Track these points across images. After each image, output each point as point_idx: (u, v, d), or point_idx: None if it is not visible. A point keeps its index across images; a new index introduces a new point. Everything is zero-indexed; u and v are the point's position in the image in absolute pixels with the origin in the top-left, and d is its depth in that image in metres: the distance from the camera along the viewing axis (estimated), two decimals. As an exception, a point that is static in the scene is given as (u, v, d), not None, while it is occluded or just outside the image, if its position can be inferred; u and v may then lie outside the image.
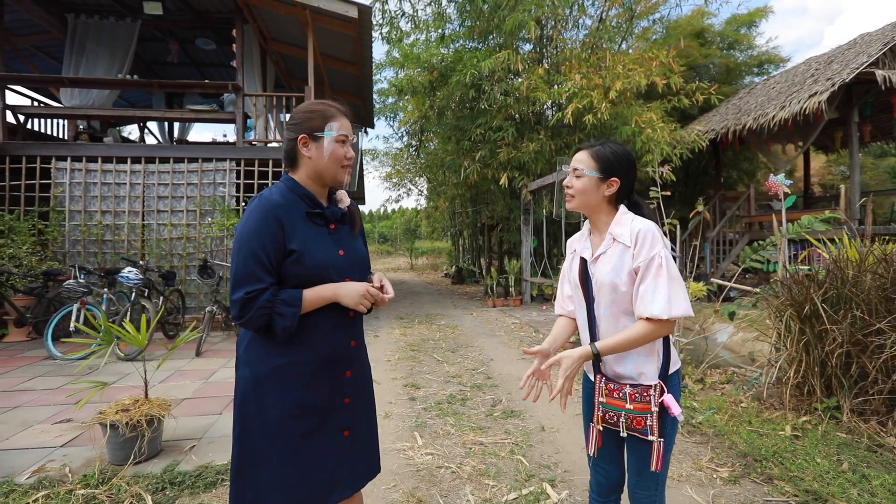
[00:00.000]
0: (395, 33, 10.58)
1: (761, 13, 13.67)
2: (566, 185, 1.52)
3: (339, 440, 1.39)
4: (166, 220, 7.06)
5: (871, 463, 2.60)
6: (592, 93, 8.11)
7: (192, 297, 6.95)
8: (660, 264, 1.35)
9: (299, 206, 1.36)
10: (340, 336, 1.40)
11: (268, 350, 1.32)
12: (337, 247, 1.40)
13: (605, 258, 1.46)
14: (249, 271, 1.25)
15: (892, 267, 3.03)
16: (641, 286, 1.37)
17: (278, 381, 1.31)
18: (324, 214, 1.40)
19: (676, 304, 1.33)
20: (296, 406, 1.31)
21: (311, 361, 1.34)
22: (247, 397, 1.32)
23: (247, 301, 1.23)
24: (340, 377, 1.40)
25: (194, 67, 10.58)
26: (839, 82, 7.66)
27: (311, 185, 1.41)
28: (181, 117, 7.66)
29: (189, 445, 2.95)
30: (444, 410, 3.69)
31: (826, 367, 3.18)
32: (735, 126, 9.57)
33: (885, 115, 9.37)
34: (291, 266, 1.30)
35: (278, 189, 1.38)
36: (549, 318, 7.91)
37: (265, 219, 1.28)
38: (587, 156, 1.47)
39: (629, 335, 1.38)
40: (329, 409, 1.37)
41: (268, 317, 1.25)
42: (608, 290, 1.43)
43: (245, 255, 1.26)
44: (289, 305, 1.26)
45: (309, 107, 1.41)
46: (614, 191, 1.47)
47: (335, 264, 1.37)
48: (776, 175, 4.24)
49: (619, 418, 1.43)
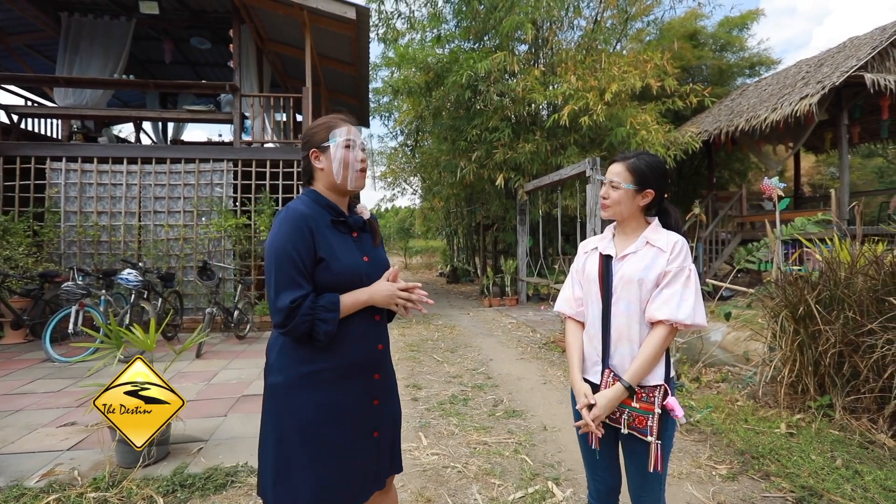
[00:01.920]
0: (391, 33, 10.59)
1: (753, 15, 13.85)
2: (602, 196, 1.58)
3: (369, 442, 1.43)
4: (163, 221, 7.03)
5: (863, 459, 2.69)
6: (588, 94, 8.20)
7: (189, 299, 6.94)
8: (688, 276, 1.44)
9: (324, 216, 1.40)
10: (369, 340, 1.44)
11: (301, 356, 1.35)
12: (361, 254, 1.45)
13: (635, 257, 1.52)
14: (290, 278, 1.28)
15: (882, 269, 3.12)
16: (667, 290, 1.44)
17: (311, 386, 1.34)
18: (347, 223, 1.46)
19: (699, 312, 1.42)
20: (330, 411, 1.35)
21: (342, 366, 1.38)
22: (279, 404, 1.34)
23: (293, 308, 1.26)
24: (370, 380, 1.44)
25: (188, 67, 10.52)
26: (829, 85, 7.80)
27: (331, 196, 1.46)
28: (178, 117, 7.63)
29: (197, 448, 2.98)
30: (446, 411, 3.74)
31: (819, 367, 3.27)
32: (727, 127, 9.70)
33: (874, 116, 9.54)
34: (321, 273, 1.34)
35: (302, 201, 1.42)
36: (546, 318, 7.98)
37: (297, 227, 1.31)
38: (623, 168, 1.54)
39: (652, 350, 1.44)
40: (360, 412, 1.41)
41: (310, 323, 1.28)
42: (634, 287, 1.48)
43: (283, 262, 1.29)
44: (329, 311, 1.30)
45: (315, 123, 1.48)
46: (648, 201, 1.54)
47: (361, 270, 1.41)
48: (770, 178, 4.33)
49: (622, 414, 1.48)
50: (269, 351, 1.42)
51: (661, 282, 1.46)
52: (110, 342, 2.90)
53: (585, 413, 1.49)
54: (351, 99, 10.90)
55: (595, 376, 1.56)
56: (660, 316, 1.44)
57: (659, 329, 1.45)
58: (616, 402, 1.46)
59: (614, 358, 1.52)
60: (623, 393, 1.45)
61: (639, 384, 1.47)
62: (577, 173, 7.23)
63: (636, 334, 1.49)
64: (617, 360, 1.52)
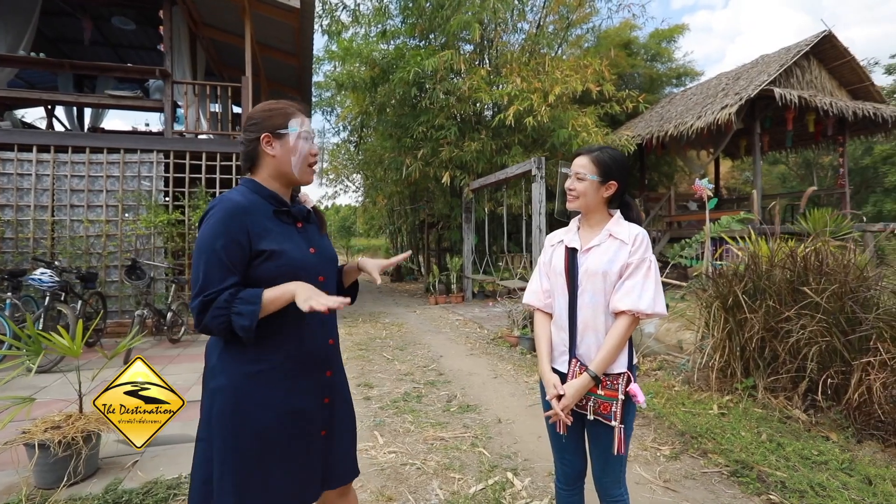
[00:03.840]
0: (336, 26, 10.32)
1: (679, 30, 14.94)
2: (569, 188, 1.63)
3: (317, 441, 1.36)
4: (82, 216, 6.40)
5: (783, 433, 2.98)
6: (533, 96, 8.44)
7: (113, 301, 6.36)
8: (649, 267, 1.51)
9: (264, 207, 1.31)
10: (320, 335, 1.37)
11: (245, 355, 1.25)
12: (307, 245, 1.37)
13: (599, 250, 1.57)
14: (208, 276, 1.20)
15: (797, 262, 3.47)
16: (629, 281, 1.50)
17: (260, 387, 1.25)
18: (291, 213, 1.37)
19: (659, 302, 1.50)
20: (281, 411, 1.27)
21: (292, 363, 1.30)
22: (226, 409, 1.24)
23: (204, 305, 1.18)
24: (321, 377, 1.38)
25: (109, 49, 9.63)
26: (746, 97, 8.57)
27: (274, 186, 1.37)
28: (99, 103, 6.94)
29: (131, 461, 2.74)
30: (400, 408, 3.70)
31: (745, 352, 3.58)
32: (658, 132, 10.38)
33: (780, 127, 10.59)
34: (263, 265, 1.26)
35: (240, 191, 1.32)
36: (493, 314, 8.13)
37: (226, 220, 1.22)
38: (588, 160, 1.59)
39: (615, 340, 1.49)
40: (310, 411, 1.34)
41: (226, 318, 1.18)
42: (599, 279, 1.53)
43: (204, 260, 1.21)
44: (247, 304, 1.19)
45: (267, 106, 1.37)
46: (612, 193, 1.60)
47: (308, 262, 1.34)
48: (701, 180, 4.69)
49: (588, 402, 1.54)
50: (209, 354, 1.31)
51: (623, 273, 1.53)
52: (28, 348, 2.59)
53: (555, 403, 1.53)
54: (293, 91, 10.49)
55: (563, 365, 1.61)
56: (622, 306, 1.50)
57: (622, 319, 1.51)
58: (583, 391, 1.51)
59: (581, 347, 1.57)
60: (590, 382, 1.51)
61: (604, 373, 1.53)
62: (522, 172, 7.43)
63: (602, 324, 1.55)
64: (583, 350, 1.57)
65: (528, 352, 5.51)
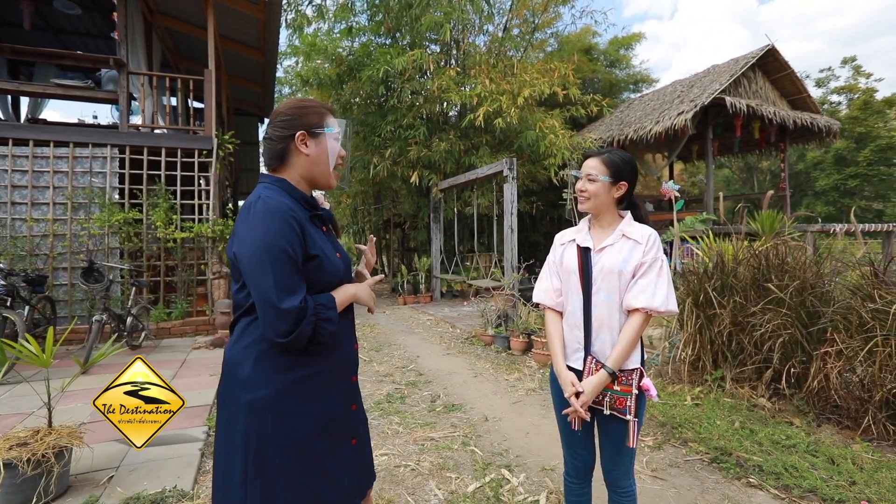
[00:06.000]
0: (299, 20, 10.05)
1: (636, 38, 15.58)
2: (580, 190, 1.66)
3: (349, 449, 1.34)
4: (25, 215, 5.92)
5: (753, 420, 3.18)
6: (502, 97, 8.55)
7: (62, 305, 5.93)
8: (661, 266, 1.57)
9: (301, 210, 1.26)
10: (349, 340, 1.37)
11: (284, 364, 1.20)
12: (335, 249, 1.35)
13: (613, 249, 1.61)
14: (292, 279, 1.14)
15: (760, 260, 3.71)
16: (643, 279, 1.55)
17: (299, 396, 1.21)
18: (322, 216, 1.34)
19: (671, 300, 1.56)
20: (319, 420, 1.24)
21: (328, 370, 1.27)
22: (265, 422, 1.17)
23: (302, 309, 1.12)
24: (349, 383, 1.36)
25: (52, 34, 8.95)
26: (700, 104, 9.04)
27: (302, 187, 1.32)
28: (44, 92, 6.41)
29: (106, 476, 2.56)
30: (385, 410, 3.67)
31: (714, 345, 3.80)
32: (619, 136, 10.77)
33: (729, 133, 11.25)
34: (313, 273, 1.22)
35: (276, 191, 1.24)
36: (463, 314, 8.18)
37: (286, 221, 1.16)
38: (599, 162, 1.64)
39: (630, 337, 1.55)
40: (342, 419, 1.32)
41: (313, 325, 1.15)
42: (614, 278, 1.58)
43: (282, 260, 1.13)
44: (329, 309, 1.19)
45: (299, 102, 1.31)
46: (622, 193, 1.65)
47: (339, 268, 1.32)
48: (667, 182, 4.92)
49: (604, 397, 1.59)
50: (236, 365, 1.21)
51: (637, 272, 1.59)
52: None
53: (574, 400, 1.57)
54: (255, 86, 10.13)
55: (577, 363, 1.65)
56: (637, 304, 1.56)
57: (636, 316, 1.57)
58: (601, 387, 1.56)
59: (595, 345, 1.62)
60: (607, 378, 1.56)
61: (619, 369, 1.58)
62: (493, 172, 7.51)
63: (616, 322, 1.60)
64: (598, 347, 1.62)
65: (503, 350, 5.58)
